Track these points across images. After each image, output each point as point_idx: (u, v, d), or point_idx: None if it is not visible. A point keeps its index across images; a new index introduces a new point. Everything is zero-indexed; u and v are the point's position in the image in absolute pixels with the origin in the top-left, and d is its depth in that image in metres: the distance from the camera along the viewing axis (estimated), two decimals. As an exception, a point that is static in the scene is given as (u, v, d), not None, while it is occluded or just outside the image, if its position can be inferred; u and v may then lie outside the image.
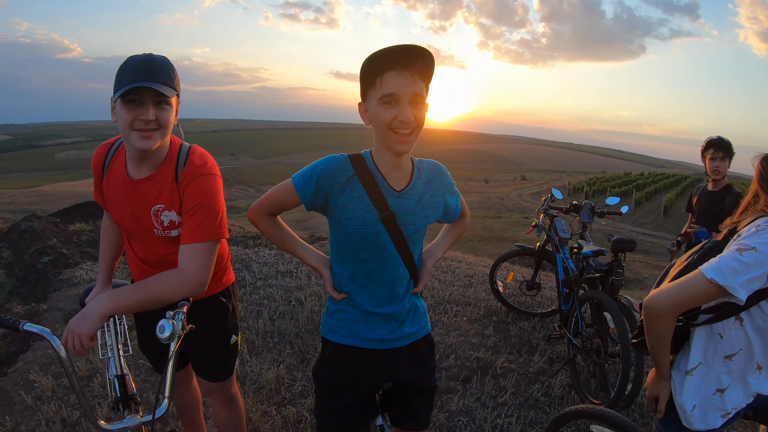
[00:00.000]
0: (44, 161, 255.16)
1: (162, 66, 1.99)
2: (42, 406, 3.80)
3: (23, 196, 62.26)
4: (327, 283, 2.13)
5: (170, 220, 2.19)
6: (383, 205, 1.92)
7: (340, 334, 2.11)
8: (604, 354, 4.15)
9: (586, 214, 5.06)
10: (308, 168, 1.96)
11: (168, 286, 2.00)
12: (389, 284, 2.06)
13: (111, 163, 2.26)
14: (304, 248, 2.21)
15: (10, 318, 1.85)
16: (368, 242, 1.97)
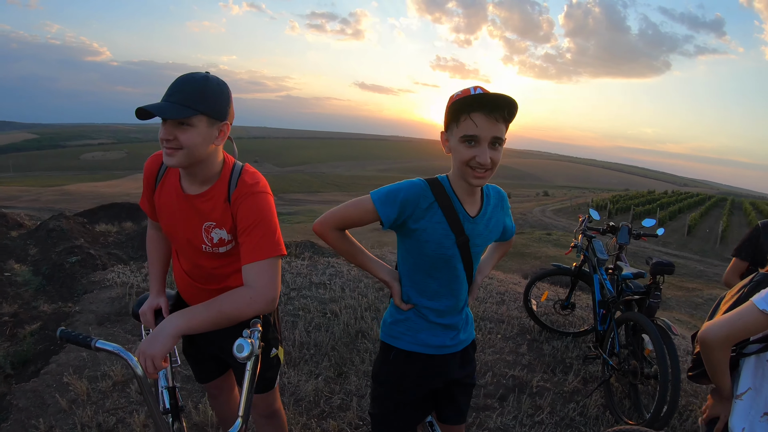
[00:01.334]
0: (70, 161, 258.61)
1: (190, 86, 1.98)
2: (77, 410, 3.75)
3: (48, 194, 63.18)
4: (396, 295, 2.23)
5: (219, 238, 2.22)
6: (460, 231, 2.06)
7: (405, 341, 2.23)
8: (640, 375, 4.14)
9: (624, 236, 5.04)
10: (391, 191, 2.04)
11: (239, 303, 1.99)
12: (454, 299, 2.20)
13: (165, 175, 2.28)
14: (374, 262, 2.28)
15: (80, 334, 1.85)
16: (442, 263, 2.10)
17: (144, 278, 6.26)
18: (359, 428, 3.82)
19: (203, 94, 1.99)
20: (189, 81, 1.97)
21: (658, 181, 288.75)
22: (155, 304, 2.46)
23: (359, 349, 4.90)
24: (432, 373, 2.27)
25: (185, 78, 1.98)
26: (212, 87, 2.02)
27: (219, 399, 2.90)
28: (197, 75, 2.01)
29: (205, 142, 2.05)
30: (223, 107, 2.07)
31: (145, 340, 1.87)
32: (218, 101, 2.04)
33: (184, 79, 1.97)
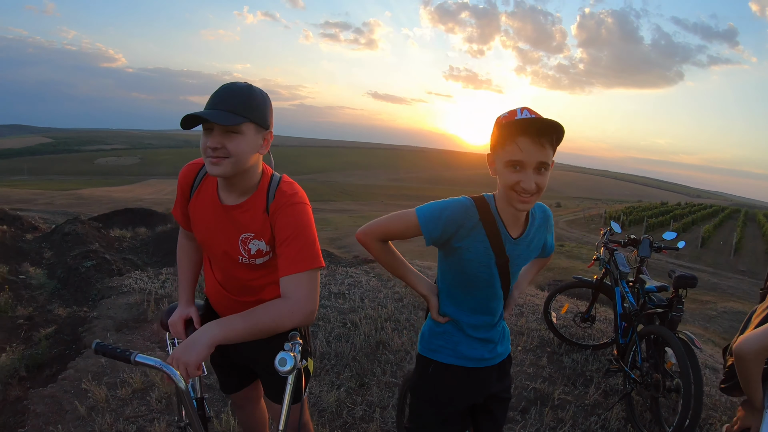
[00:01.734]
0: (84, 165, 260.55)
1: (236, 95, 1.97)
2: (96, 417, 3.75)
3: (62, 198, 63.53)
4: (434, 309, 2.26)
5: (258, 249, 2.19)
6: (501, 252, 2.07)
7: (444, 354, 2.25)
8: (662, 389, 4.11)
9: (645, 249, 5.01)
10: (436, 209, 2.05)
11: (277, 315, 1.97)
12: (491, 314, 2.23)
13: (201, 185, 2.26)
14: (415, 275, 2.31)
15: (118, 347, 1.82)
16: (481, 281, 2.12)
17: (161, 285, 6.26)
18: None
19: (250, 102, 1.99)
20: (235, 89, 1.97)
21: (671, 193, 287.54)
22: (186, 314, 2.43)
23: (380, 360, 4.87)
24: (471, 386, 2.27)
25: (230, 87, 1.97)
26: (257, 95, 2.01)
27: (245, 410, 2.87)
28: (240, 84, 2.01)
29: (251, 151, 2.03)
30: (267, 116, 2.07)
31: (180, 347, 1.85)
32: (263, 109, 2.04)
33: (230, 88, 1.97)
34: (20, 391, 4.75)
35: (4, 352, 5.30)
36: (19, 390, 4.77)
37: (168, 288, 6.19)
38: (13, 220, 15.23)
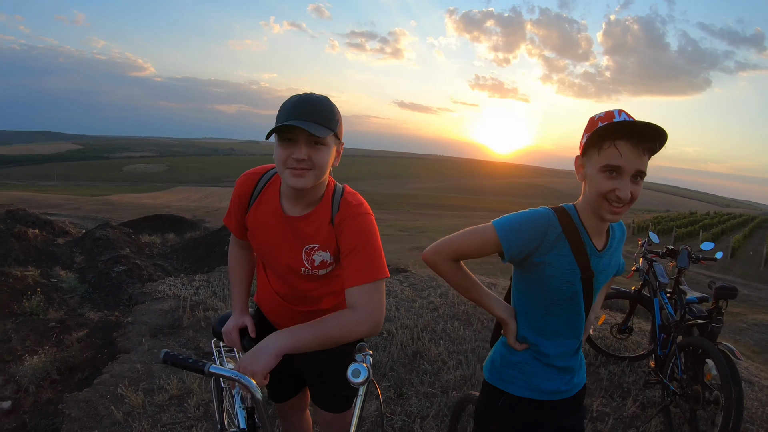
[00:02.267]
0: (113, 172, 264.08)
1: (320, 106, 1.95)
2: (132, 423, 3.75)
3: (90, 204, 64.38)
4: (512, 334, 2.09)
5: (322, 260, 2.16)
6: (586, 266, 1.92)
7: (517, 386, 2.08)
8: (702, 401, 4.03)
9: (684, 260, 4.90)
10: (515, 221, 1.92)
11: (345, 325, 1.94)
12: (574, 337, 2.07)
13: (262, 195, 2.22)
14: (491, 298, 2.14)
15: (190, 357, 1.80)
16: (564, 299, 1.96)
17: (195, 292, 6.27)
18: None
19: (333, 115, 1.97)
20: (317, 101, 1.94)
21: (699, 202, 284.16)
22: (240, 323, 2.40)
23: (418, 370, 4.81)
24: (543, 420, 2.12)
25: (311, 98, 1.95)
26: (335, 108, 2.00)
27: (291, 419, 2.84)
28: (318, 96, 1.98)
29: (330, 162, 2.02)
30: (341, 127, 2.05)
31: (247, 356, 1.83)
32: (340, 121, 2.03)
33: (311, 100, 1.94)
34: (52, 394, 4.79)
35: (36, 354, 5.34)
36: (50, 392, 4.81)
37: (202, 295, 6.19)
38: (44, 224, 15.44)
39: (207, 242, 14.08)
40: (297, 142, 1.92)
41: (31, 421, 4.37)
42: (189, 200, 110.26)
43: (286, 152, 1.93)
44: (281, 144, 1.94)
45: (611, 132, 1.75)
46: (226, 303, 5.95)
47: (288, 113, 1.91)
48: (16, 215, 15.86)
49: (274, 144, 1.97)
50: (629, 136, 1.73)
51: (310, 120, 1.89)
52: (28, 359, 5.19)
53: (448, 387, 4.54)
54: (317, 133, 1.87)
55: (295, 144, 1.92)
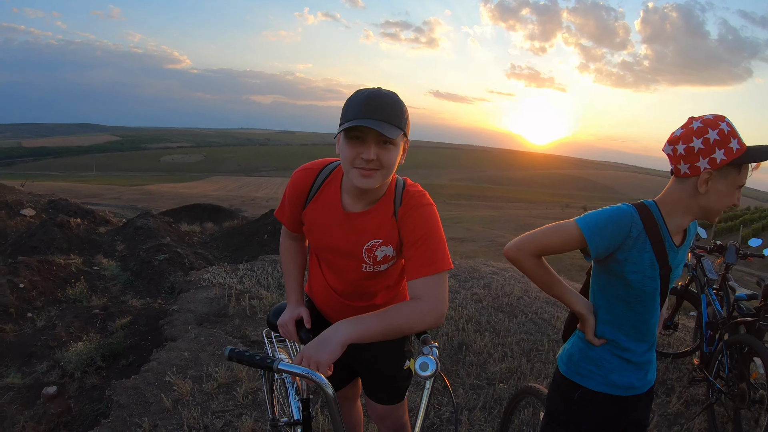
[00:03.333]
0: (150, 162, 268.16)
1: (389, 103, 1.87)
2: (182, 410, 3.75)
3: (129, 193, 65.45)
4: (591, 329, 2.11)
5: (384, 255, 2.13)
6: (665, 261, 1.96)
7: (595, 381, 2.10)
8: (747, 400, 3.95)
9: (732, 255, 4.82)
10: (600, 218, 1.95)
11: (411, 316, 1.89)
12: (651, 333, 2.10)
13: (321, 191, 2.17)
14: (572, 294, 2.16)
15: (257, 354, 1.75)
16: (644, 295, 1.99)
17: (240, 280, 6.28)
18: None
19: (402, 113, 1.90)
20: (386, 99, 1.87)
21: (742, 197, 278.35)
22: (296, 315, 2.34)
23: (464, 361, 4.78)
24: (617, 416, 2.15)
25: (379, 95, 1.87)
26: (403, 104, 1.93)
27: (342, 409, 2.78)
28: (386, 92, 1.91)
29: (398, 162, 1.98)
30: (409, 124, 1.98)
31: (311, 346, 1.78)
32: (408, 118, 1.96)
33: (380, 96, 1.87)
34: (97, 380, 4.86)
35: (80, 341, 5.41)
36: (95, 378, 4.88)
37: (246, 283, 6.19)
38: (86, 214, 15.69)
39: (246, 231, 14.19)
40: (366, 142, 1.86)
41: (76, 406, 4.44)
42: (225, 189, 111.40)
43: (354, 151, 1.87)
44: (349, 143, 1.87)
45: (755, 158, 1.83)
46: (271, 292, 5.95)
47: (357, 111, 1.84)
48: (58, 205, 16.17)
49: (341, 141, 1.91)
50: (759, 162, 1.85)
51: (380, 119, 1.83)
52: (72, 345, 5.26)
53: (494, 379, 4.51)
54: (388, 134, 1.81)
55: (363, 143, 1.86)
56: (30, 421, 4.17)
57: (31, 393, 4.64)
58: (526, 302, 6.43)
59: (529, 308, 6.25)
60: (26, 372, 5.02)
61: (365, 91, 1.89)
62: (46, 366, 5.05)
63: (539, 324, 5.88)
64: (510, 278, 7.52)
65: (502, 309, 6.14)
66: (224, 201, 37.86)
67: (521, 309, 6.13)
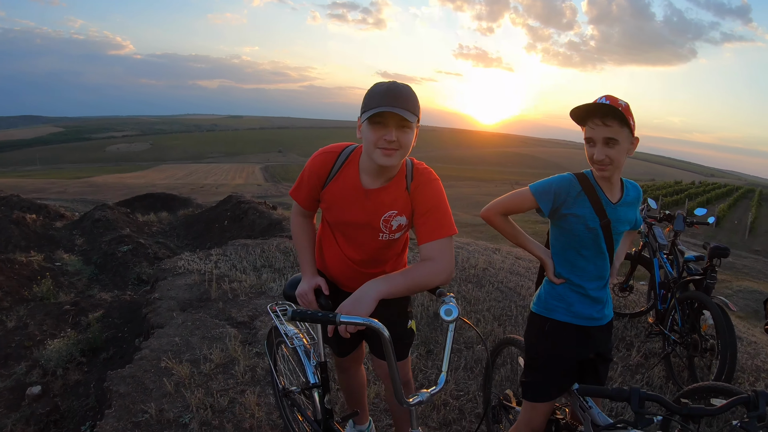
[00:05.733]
0: (95, 153, 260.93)
1: (406, 93, 2.21)
2: (185, 392, 3.86)
3: (75, 186, 63.80)
4: (550, 270, 2.60)
5: (399, 224, 2.47)
6: (603, 214, 2.42)
7: (560, 313, 2.56)
8: (700, 348, 4.48)
9: (680, 224, 5.35)
10: (546, 184, 2.46)
11: (429, 274, 2.24)
12: (600, 273, 2.55)
13: (341, 172, 2.47)
14: (532, 242, 2.68)
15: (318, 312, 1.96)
16: (589, 242, 2.47)
17: (215, 265, 6.37)
18: (459, 398, 4.02)
19: (416, 100, 2.25)
20: (403, 89, 2.22)
21: (684, 171, 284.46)
22: (314, 284, 2.58)
23: (441, 328, 5.07)
24: (582, 343, 2.56)
25: (397, 87, 2.21)
26: (414, 93, 2.25)
27: (349, 372, 3.08)
28: (402, 84, 2.23)
29: (413, 143, 2.29)
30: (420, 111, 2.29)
31: (348, 302, 2.05)
32: (419, 106, 2.27)
33: (398, 88, 2.21)
34: (80, 375, 4.86)
35: (56, 338, 5.42)
36: (78, 374, 4.88)
37: (222, 268, 6.29)
38: (40, 209, 15.40)
39: (205, 219, 14.13)
40: (388, 126, 2.18)
41: (63, 404, 4.45)
42: (174, 178, 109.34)
43: (378, 134, 2.19)
44: (373, 127, 2.20)
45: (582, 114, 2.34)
46: (248, 275, 6.08)
47: (380, 100, 2.16)
48: (10, 201, 15.77)
49: (364, 126, 2.24)
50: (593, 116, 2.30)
51: (400, 106, 2.15)
52: (50, 343, 5.27)
53: (470, 342, 4.85)
54: (409, 118, 2.16)
55: (386, 127, 2.18)
56: (18, 423, 4.18)
57: (15, 395, 4.63)
58: (491, 273, 6.76)
59: (495, 278, 6.58)
60: (5, 374, 4.98)
61: (384, 84, 2.22)
62: (26, 366, 5.01)
63: (506, 292, 6.21)
64: (474, 251, 7.84)
65: (470, 280, 6.44)
66: (173, 189, 37.27)
67: (488, 279, 6.45)
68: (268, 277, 6.10)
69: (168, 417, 3.59)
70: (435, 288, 2.25)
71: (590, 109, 2.29)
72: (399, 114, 2.14)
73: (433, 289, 2.26)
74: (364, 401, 3.27)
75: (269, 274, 6.21)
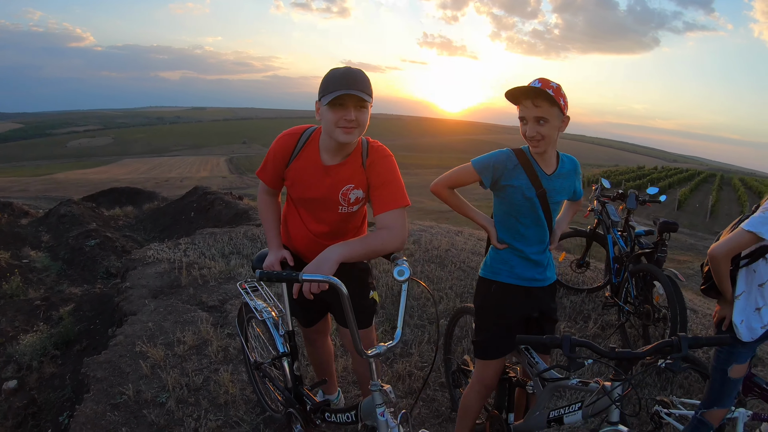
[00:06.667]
0: (56, 149, 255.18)
1: (362, 77, 2.46)
2: (161, 373, 3.98)
3: (37, 184, 62.52)
4: (493, 236, 2.84)
5: (356, 197, 2.70)
6: (539, 185, 2.65)
7: (504, 275, 2.81)
8: (652, 317, 4.77)
9: (632, 201, 5.57)
10: (485, 159, 2.70)
11: (383, 241, 2.50)
12: (539, 239, 2.79)
13: (302, 151, 2.71)
14: (475, 212, 2.91)
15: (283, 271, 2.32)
16: (527, 210, 2.70)
17: (184, 253, 6.46)
18: (422, 369, 4.27)
19: (370, 83, 2.50)
20: (358, 74, 2.46)
21: (647, 157, 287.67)
22: (280, 256, 2.80)
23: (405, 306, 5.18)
24: (526, 302, 2.80)
25: (353, 72, 2.46)
26: (367, 76, 2.51)
27: (316, 344, 3.31)
28: (356, 69, 2.48)
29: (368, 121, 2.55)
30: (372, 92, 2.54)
31: (311, 265, 2.30)
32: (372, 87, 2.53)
33: (354, 73, 2.45)
34: (55, 368, 4.92)
35: (29, 333, 5.48)
36: (53, 367, 4.94)
37: (191, 256, 6.35)
38: (4, 207, 15.18)
39: (171, 211, 14.07)
40: (347, 107, 2.43)
41: (39, 397, 4.52)
42: (137, 172, 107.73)
43: (338, 115, 2.43)
44: (333, 108, 2.43)
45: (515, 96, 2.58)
46: (216, 262, 6.19)
47: (339, 84, 2.40)
48: (-28, 200, 15.56)
49: (323, 109, 2.47)
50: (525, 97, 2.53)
51: (357, 89, 2.41)
52: (22, 338, 5.32)
53: (434, 317, 5.07)
54: (366, 98, 2.43)
55: (345, 108, 2.43)
56: None
57: (-10, 391, 4.61)
58: (453, 254, 6.95)
59: (457, 258, 6.79)
60: (-22, 371, 4.94)
61: (340, 69, 2.47)
62: (0, 362, 5.05)
63: (467, 271, 6.43)
64: (437, 234, 8.04)
65: (433, 261, 6.64)
66: (137, 184, 36.78)
67: (450, 260, 6.65)
68: (237, 263, 6.22)
69: (145, 397, 3.72)
70: (390, 254, 2.47)
71: (522, 92, 2.52)
72: (357, 95, 2.39)
73: (389, 255, 2.51)
74: (332, 371, 3.47)
75: (238, 260, 6.33)
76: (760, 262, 2.80)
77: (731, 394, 2.98)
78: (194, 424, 3.48)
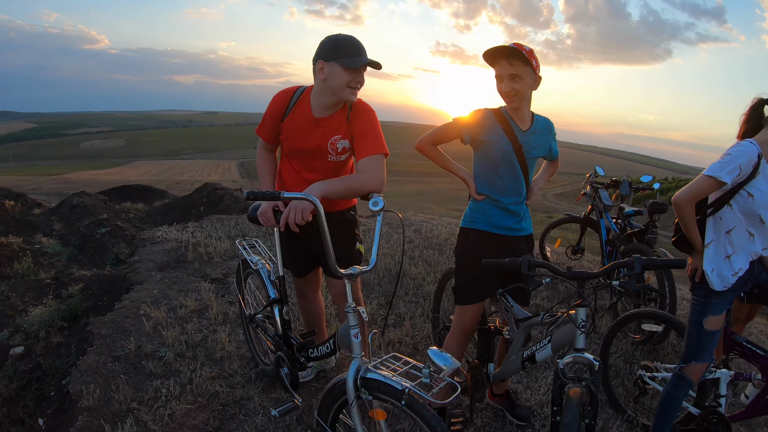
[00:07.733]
0: (69, 150, 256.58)
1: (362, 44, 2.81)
2: (162, 331, 4.21)
3: (49, 183, 62.92)
4: (473, 189, 3.07)
5: (343, 147, 3.00)
6: (515, 139, 2.89)
7: (482, 223, 3.04)
8: (643, 297, 4.89)
9: (625, 188, 5.81)
10: (468, 117, 2.95)
11: (362, 181, 2.79)
12: (516, 191, 3.01)
13: (296, 106, 3.00)
14: (457, 166, 3.19)
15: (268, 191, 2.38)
16: (505, 163, 2.92)
17: (192, 235, 6.65)
18: (414, 337, 4.42)
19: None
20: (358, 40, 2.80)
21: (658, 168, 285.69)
22: (273, 204, 2.96)
23: (402, 284, 5.49)
24: (502, 250, 2.93)
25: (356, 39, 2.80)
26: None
27: (307, 297, 3.54)
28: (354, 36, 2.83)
29: None
30: None
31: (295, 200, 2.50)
32: None
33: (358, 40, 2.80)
34: (61, 338, 5.02)
35: (37, 307, 5.62)
36: (60, 337, 5.04)
37: (198, 237, 6.52)
38: (18, 197, 15.40)
39: (182, 206, 14.16)
40: (359, 70, 2.79)
41: (45, 362, 4.63)
42: (149, 174, 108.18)
43: (351, 76, 2.76)
44: (348, 71, 2.74)
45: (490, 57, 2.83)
46: (222, 242, 6.39)
47: (357, 50, 2.76)
48: (-14, 189, 15.76)
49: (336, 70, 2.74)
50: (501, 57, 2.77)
51: (367, 56, 2.80)
52: (32, 310, 5.48)
53: (428, 295, 5.20)
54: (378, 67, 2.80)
55: (357, 71, 2.78)
56: (1, 381, 4.36)
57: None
58: (452, 242, 6.97)
59: (455, 246, 6.88)
60: (-13, 340, 5.05)
61: (343, 36, 2.81)
62: (8, 332, 5.14)
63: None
64: (438, 224, 8.16)
65: (432, 247, 6.79)
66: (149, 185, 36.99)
67: (449, 247, 6.77)
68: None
69: (146, 351, 3.94)
70: (368, 194, 2.67)
71: (499, 51, 2.75)
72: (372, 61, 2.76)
73: (366, 195, 2.71)
74: (322, 325, 3.68)
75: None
76: (725, 209, 2.85)
77: (709, 347, 2.98)
78: (190, 374, 3.67)
